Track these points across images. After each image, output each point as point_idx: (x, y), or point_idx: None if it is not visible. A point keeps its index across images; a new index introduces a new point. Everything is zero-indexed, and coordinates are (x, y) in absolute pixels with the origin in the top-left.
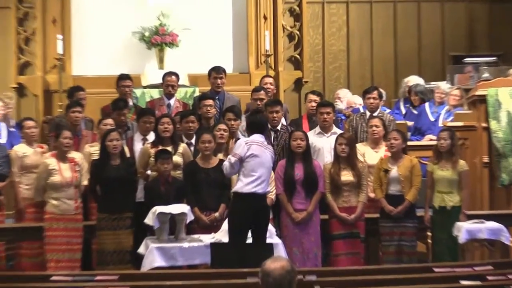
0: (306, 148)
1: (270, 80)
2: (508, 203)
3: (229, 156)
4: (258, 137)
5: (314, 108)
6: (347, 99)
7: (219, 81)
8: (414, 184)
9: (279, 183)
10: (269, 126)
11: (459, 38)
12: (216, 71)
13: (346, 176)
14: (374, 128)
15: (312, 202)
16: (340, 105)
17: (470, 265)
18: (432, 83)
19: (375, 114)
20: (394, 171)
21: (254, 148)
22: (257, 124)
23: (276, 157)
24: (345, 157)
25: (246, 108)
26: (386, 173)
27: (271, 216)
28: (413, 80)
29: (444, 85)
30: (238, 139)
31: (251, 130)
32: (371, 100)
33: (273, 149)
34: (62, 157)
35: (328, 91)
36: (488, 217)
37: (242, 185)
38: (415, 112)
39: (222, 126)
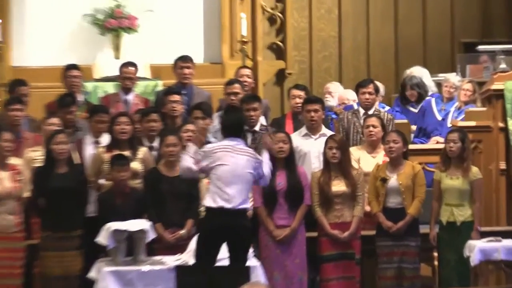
0: (289, 152)
1: (247, 71)
2: None
3: (187, 157)
4: (227, 141)
5: (299, 105)
6: (338, 94)
7: (186, 72)
8: (417, 195)
9: (258, 194)
10: (245, 127)
11: (472, 23)
12: (183, 61)
13: (338, 186)
14: (371, 128)
15: (297, 217)
16: (331, 102)
17: None
18: (440, 75)
19: (370, 111)
20: (393, 180)
21: (219, 156)
22: (233, 125)
23: None
24: (337, 163)
25: (218, 105)
26: (383, 182)
27: None
28: (417, 72)
29: (453, 78)
30: (209, 142)
31: (226, 132)
32: (366, 96)
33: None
34: (1, 164)
35: (316, 84)
36: (505, 234)
37: (208, 198)
38: (413, 110)
39: (190, 127)
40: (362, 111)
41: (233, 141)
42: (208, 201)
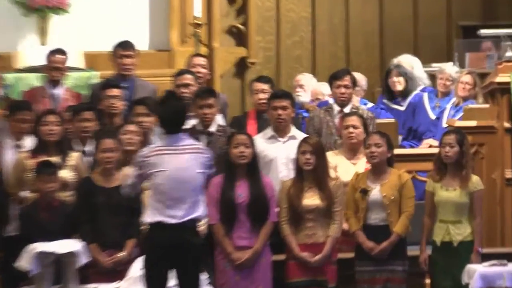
0: (252, 158)
1: (201, 60)
2: None
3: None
4: (164, 140)
5: (264, 101)
6: (311, 88)
7: (127, 61)
8: (404, 210)
9: (214, 209)
10: (198, 127)
11: (472, 2)
12: (123, 48)
13: (311, 199)
14: (351, 129)
15: (261, 237)
16: (302, 97)
17: None
18: (434, 65)
19: (346, 109)
20: (376, 192)
21: (155, 161)
22: (172, 117)
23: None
24: (311, 171)
25: None
26: (364, 194)
27: None
28: (406, 61)
29: (450, 68)
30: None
31: (164, 127)
32: (342, 89)
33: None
34: None
35: (284, 76)
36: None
37: (148, 212)
38: (398, 107)
39: (131, 127)
40: (336, 108)
41: (173, 138)
42: (148, 216)
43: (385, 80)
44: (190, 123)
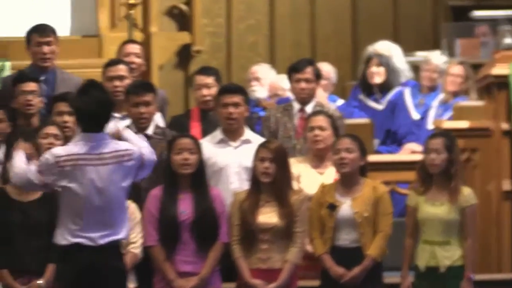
0: (197, 167)
1: (136, 48)
2: None
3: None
4: (81, 144)
5: (208, 98)
6: (269, 81)
7: (46, 49)
8: (380, 229)
9: (152, 228)
10: (133, 129)
11: None
12: (41, 34)
13: (268, 216)
14: (317, 131)
15: (208, 261)
16: (258, 92)
17: None
18: (418, 54)
19: (308, 107)
20: (346, 207)
21: (68, 172)
22: (92, 113)
23: (146, 181)
24: (270, 182)
25: None
26: (331, 210)
27: (133, 286)
28: (383, 49)
29: (437, 58)
30: None
31: (81, 125)
32: (302, 84)
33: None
34: None
35: (236, 67)
36: (510, 285)
37: (60, 231)
38: (375, 106)
39: (51, 130)
40: (297, 106)
41: (94, 143)
42: (59, 237)
43: (363, 71)
44: (123, 124)
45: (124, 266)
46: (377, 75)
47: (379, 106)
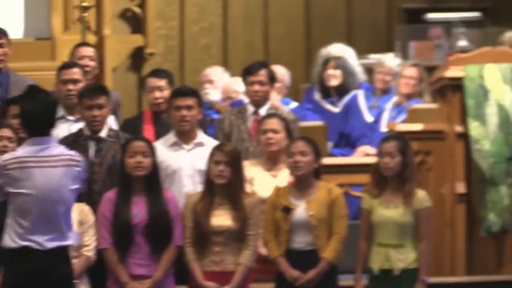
0: (151, 169)
1: (89, 51)
2: (498, 264)
3: None
4: (33, 149)
5: (161, 100)
6: (223, 84)
7: None
8: (335, 231)
9: (105, 230)
10: (86, 132)
11: None
12: None
13: (221, 218)
14: (270, 134)
15: (162, 264)
16: (212, 95)
17: None
18: (371, 56)
19: (262, 109)
20: (301, 210)
21: (20, 173)
22: (37, 117)
23: (100, 184)
24: (224, 185)
25: None
26: (286, 213)
27: None
28: (337, 52)
29: (391, 61)
30: None
31: (27, 129)
32: (256, 86)
33: (85, 164)
34: None
35: (190, 70)
36: (464, 287)
37: (7, 235)
38: (331, 109)
39: (5, 133)
40: (251, 109)
41: (41, 146)
42: (8, 239)
43: (319, 73)
44: (76, 127)
45: (71, 271)
46: (334, 77)
47: (335, 109)
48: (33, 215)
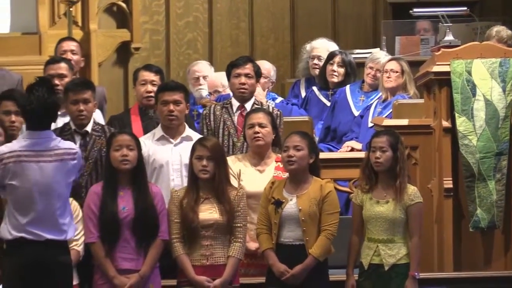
0: (137, 163)
1: (72, 45)
2: (486, 260)
3: None
4: (30, 142)
5: (151, 94)
6: (209, 79)
7: None
8: (325, 227)
9: (92, 224)
10: (72, 126)
11: None
12: None
13: (209, 212)
14: (257, 128)
15: (148, 258)
16: (203, 91)
17: None
18: (357, 51)
19: (248, 104)
20: (291, 205)
21: (17, 167)
22: (38, 110)
23: (86, 178)
24: (209, 179)
25: None
26: (277, 206)
27: (76, 282)
28: (321, 47)
29: (380, 54)
30: None
31: (30, 120)
32: (242, 78)
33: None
34: None
35: (176, 64)
36: (452, 284)
37: (4, 226)
38: (325, 101)
39: None
40: (236, 103)
41: (38, 139)
42: (5, 231)
43: (324, 64)
44: (62, 121)
45: (70, 260)
46: (337, 74)
47: (328, 103)
48: (29, 209)
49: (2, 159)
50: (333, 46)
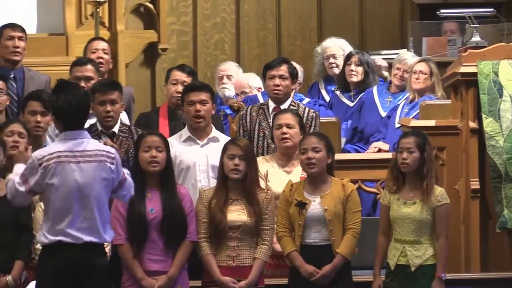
0: (165, 165)
1: (103, 46)
2: None
3: (15, 176)
4: (67, 144)
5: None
6: (236, 80)
7: (18, 43)
8: (349, 226)
9: (120, 226)
10: (99, 127)
11: None
12: (13, 28)
13: (237, 213)
14: (284, 129)
15: (177, 260)
16: (226, 90)
17: None
18: (384, 52)
19: (284, 105)
20: (316, 205)
21: (57, 168)
22: (71, 110)
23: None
24: (238, 180)
25: None
26: (301, 208)
27: None
28: (333, 44)
29: (407, 55)
30: None
31: (61, 122)
32: (276, 80)
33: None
34: None
35: (203, 65)
36: (479, 284)
37: (44, 230)
38: (348, 102)
39: (16, 127)
40: (272, 105)
41: (75, 140)
42: (42, 235)
43: (343, 66)
44: (88, 122)
45: (106, 263)
46: (355, 74)
47: (351, 104)
48: (68, 210)
49: (41, 163)
50: (344, 43)
